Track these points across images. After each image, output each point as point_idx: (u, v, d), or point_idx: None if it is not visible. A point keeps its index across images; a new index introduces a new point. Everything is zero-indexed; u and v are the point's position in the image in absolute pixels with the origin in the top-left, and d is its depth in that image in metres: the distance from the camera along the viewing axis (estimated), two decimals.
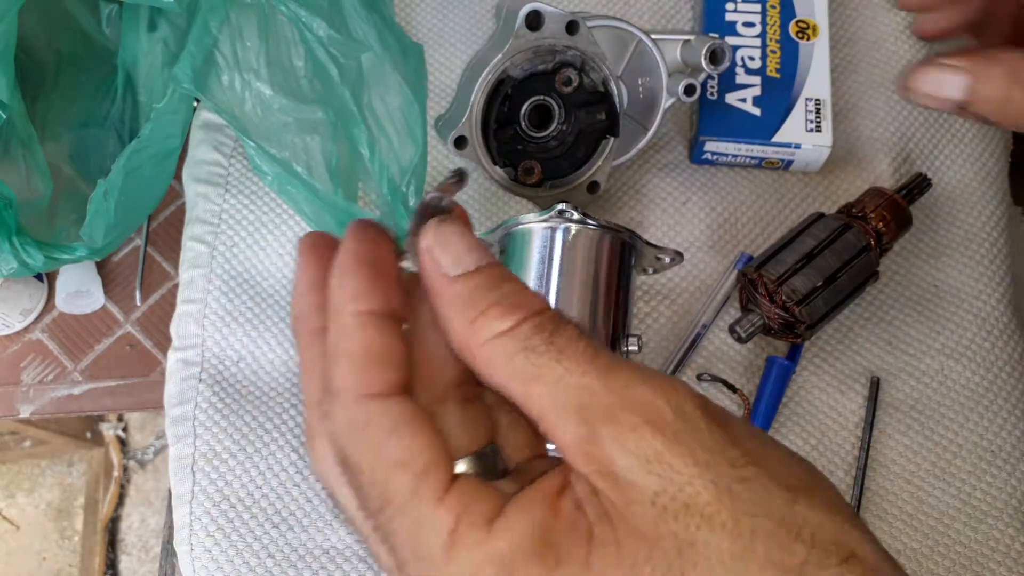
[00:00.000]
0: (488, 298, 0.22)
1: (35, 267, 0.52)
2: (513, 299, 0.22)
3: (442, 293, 0.23)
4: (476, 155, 0.55)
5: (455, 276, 0.23)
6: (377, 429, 0.22)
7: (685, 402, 0.21)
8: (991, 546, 0.49)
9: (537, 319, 0.22)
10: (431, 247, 0.23)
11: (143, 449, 1.40)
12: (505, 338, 0.22)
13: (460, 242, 0.23)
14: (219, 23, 0.53)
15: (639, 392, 0.21)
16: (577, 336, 0.22)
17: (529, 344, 0.21)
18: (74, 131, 0.64)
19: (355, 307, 0.23)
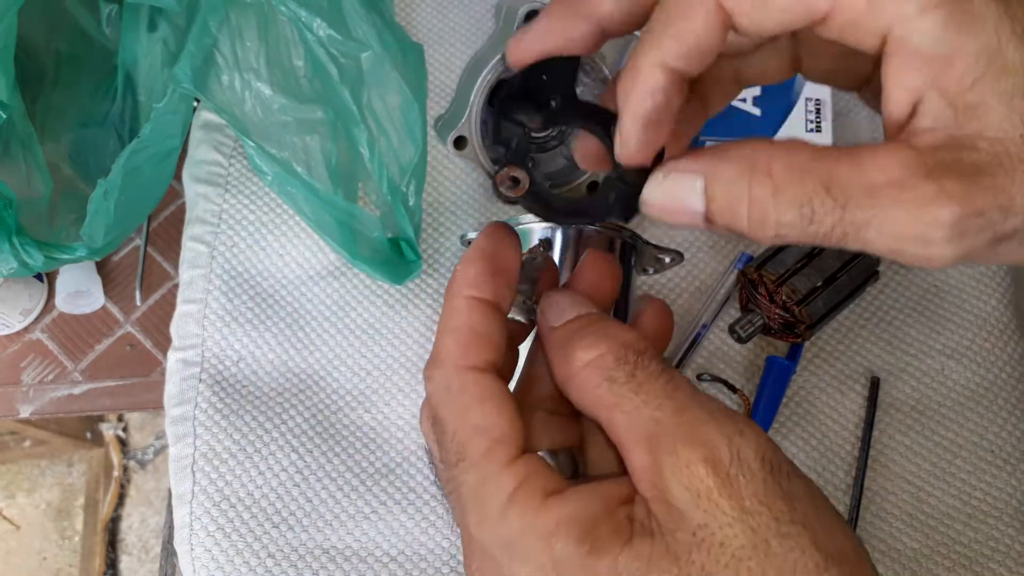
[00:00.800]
0: (581, 334, 0.25)
1: (35, 267, 0.52)
2: (602, 332, 0.25)
3: (546, 343, 0.26)
4: (475, 155, 0.55)
5: (556, 326, 0.26)
6: (468, 396, 0.25)
7: (746, 447, 0.22)
8: (991, 546, 0.49)
9: (621, 351, 0.24)
10: (542, 308, 0.27)
11: (143, 449, 1.40)
12: (591, 368, 0.24)
13: (563, 300, 0.27)
14: (219, 23, 0.53)
15: (704, 431, 0.22)
16: (658, 371, 0.24)
17: (612, 375, 0.24)
18: (74, 131, 0.64)
19: (469, 292, 0.26)
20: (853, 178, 0.21)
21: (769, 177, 0.22)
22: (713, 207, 0.23)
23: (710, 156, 0.23)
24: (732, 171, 0.22)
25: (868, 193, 0.21)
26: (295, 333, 0.55)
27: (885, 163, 0.21)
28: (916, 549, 0.49)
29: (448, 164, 0.60)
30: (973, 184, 0.20)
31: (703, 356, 0.55)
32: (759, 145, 0.22)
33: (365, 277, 0.56)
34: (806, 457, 0.52)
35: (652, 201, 0.25)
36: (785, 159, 0.22)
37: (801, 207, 0.21)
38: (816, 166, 0.21)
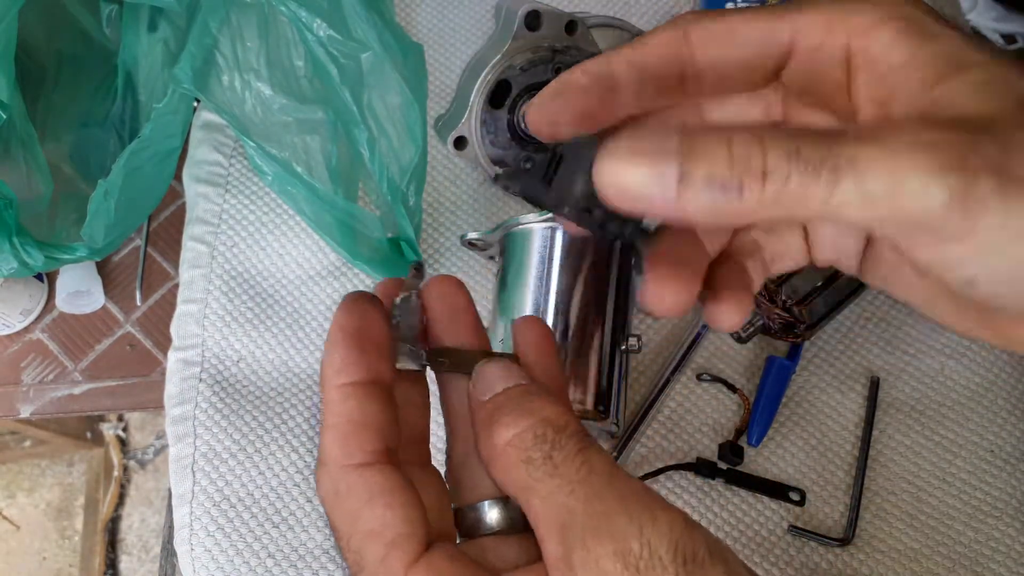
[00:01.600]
0: (504, 410, 0.24)
1: (35, 267, 0.52)
2: (524, 407, 0.24)
3: (475, 418, 0.25)
4: (475, 155, 0.55)
5: (484, 400, 0.25)
6: (355, 498, 0.23)
7: (657, 538, 0.21)
8: (991, 546, 0.49)
9: (540, 428, 0.23)
10: (472, 381, 0.26)
11: (143, 449, 1.40)
12: (510, 448, 0.23)
13: (491, 372, 0.26)
14: (219, 23, 0.53)
15: (616, 522, 0.21)
16: (575, 451, 0.23)
17: (529, 456, 0.23)
18: (74, 131, 0.64)
19: (339, 380, 0.24)
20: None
21: None
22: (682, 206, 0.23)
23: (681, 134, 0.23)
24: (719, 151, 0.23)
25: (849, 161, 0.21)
26: (295, 333, 0.55)
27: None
28: (916, 548, 0.49)
29: (448, 164, 0.60)
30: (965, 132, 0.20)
31: (703, 356, 0.55)
32: None
33: (365, 277, 0.56)
34: (806, 457, 0.52)
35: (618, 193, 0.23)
36: None
37: None
38: None
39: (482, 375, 0.26)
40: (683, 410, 0.53)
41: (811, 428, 0.53)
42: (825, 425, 0.53)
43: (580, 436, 0.23)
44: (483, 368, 0.26)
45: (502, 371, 0.26)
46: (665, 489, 0.51)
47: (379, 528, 0.23)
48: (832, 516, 0.50)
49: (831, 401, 0.54)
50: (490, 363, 0.26)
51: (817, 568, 0.49)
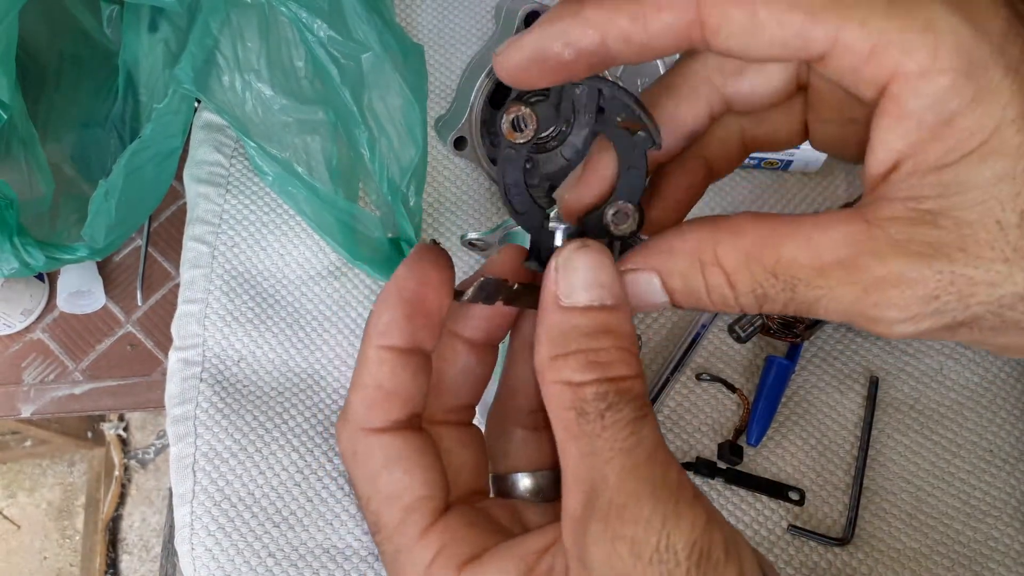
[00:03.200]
0: (577, 343, 0.22)
1: (36, 267, 0.52)
2: (599, 356, 0.22)
3: (545, 316, 0.23)
4: (476, 155, 0.55)
5: (564, 305, 0.23)
6: (374, 461, 0.23)
7: (677, 533, 0.20)
8: (991, 545, 0.49)
9: (604, 387, 0.22)
10: (557, 267, 0.23)
11: (144, 448, 1.40)
12: (568, 389, 0.22)
13: (585, 273, 0.23)
14: (220, 24, 0.54)
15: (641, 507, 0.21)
16: (627, 421, 0.21)
17: (583, 408, 0.22)
18: (75, 131, 0.64)
19: (380, 341, 0.23)
20: (800, 258, 0.20)
21: (719, 267, 0.21)
22: (676, 296, 0.23)
23: (659, 251, 0.23)
24: (683, 266, 0.22)
25: (817, 273, 0.20)
26: (296, 333, 0.55)
27: (834, 239, 0.20)
28: (915, 548, 0.49)
29: (448, 164, 0.60)
30: (928, 267, 0.19)
31: (703, 356, 0.55)
32: (702, 235, 0.22)
33: (365, 277, 0.57)
34: (805, 456, 0.52)
35: None
36: (731, 246, 0.21)
37: (754, 291, 0.21)
38: (761, 251, 0.21)
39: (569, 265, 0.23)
40: (682, 410, 0.53)
41: (810, 428, 0.53)
42: (824, 425, 0.53)
43: (638, 404, 0.22)
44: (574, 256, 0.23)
45: (593, 273, 0.23)
46: None
47: (397, 492, 0.23)
48: (831, 516, 0.50)
49: (830, 401, 0.54)
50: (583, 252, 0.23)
51: (816, 567, 0.49)
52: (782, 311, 0.21)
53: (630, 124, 0.24)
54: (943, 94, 0.19)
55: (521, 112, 0.24)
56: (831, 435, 0.53)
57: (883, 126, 0.20)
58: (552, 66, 0.22)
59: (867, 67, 0.20)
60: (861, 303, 0.20)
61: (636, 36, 0.21)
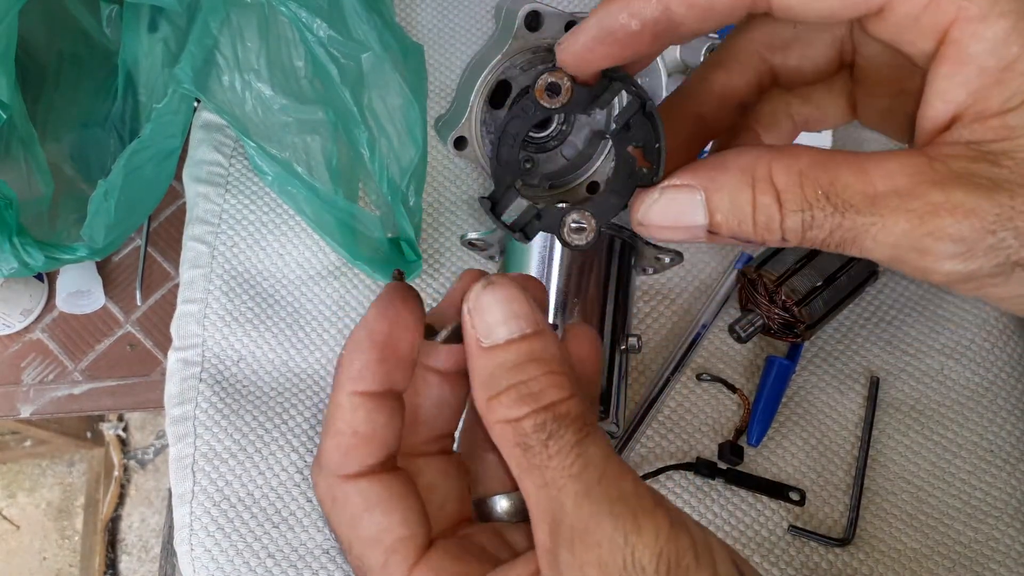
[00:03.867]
0: (506, 379, 0.22)
1: (36, 267, 0.52)
2: (529, 387, 0.22)
3: (471, 361, 0.23)
4: (476, 155, 0.55)
5: (485, 347, 0.23)
6: (353, 506, 0.23)
7: (641, 547, 0.20)
8: (991, 546, 0.49)
9: (540, 417, 0.21)
10: (469, 310, 0.23)
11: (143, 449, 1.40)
12: (509, 427, 0.22)
13: (497, 310, 0.23)
14: (220, 23, 0.53)
15: (602, 528, 0.21)
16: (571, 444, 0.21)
17: (526, 442, 0.21)
18: (75, 131, 0.64)
19: (352, 387, 0.23)
20: (854, 184, 0.20)
21: (771, 184, 0.21)
22: (718, 218, 0.22)
23: (709, 168, 0.22)
24: (734, 181, 0.21)
25: (868, 200, 0.20)
26: (295, 333, 0.55)
27: (892, 170, 0.20)
28: (916, 549, 0.49)
29: (448, 164, 0.60)
30: (988, 199, 0.19)
31: (703, 356, 0.55)
32: (760, 153, 0.21)
33: (365, 277, 0.57)
34: (806, 456, 0.52)
35: (650, 221, 0.23)
36: (786, 165, 0.21)
37: (802, 211, 0.20)
38: (817, 172, 0.20)
39: (480, 306, 0.23)
40: (683, 410, 0.53)
41: (811, 428, 0.53)
42: (825, 425, 0.53)
43: (579, 425, 0.22)
44: (482, 296, 0.23)
45: (504, 307, 0.22)
46: (665, 489, 0.51)
47: (378, 535, 0.23)
48: (832, 516, 0.50)
49: (831, 401, 0.54)
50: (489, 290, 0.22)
51: (817, 568, 0.49)
52: (824, 243, 0.20)
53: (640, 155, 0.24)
54: (1004, 36, 0.19)
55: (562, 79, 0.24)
56: (832, 435, 0.53)
57: (943, 74, 0.20)
58: (619, 39, 0.22)
59: (926, 13, 0.19)
60: (914, 233, 0.19)
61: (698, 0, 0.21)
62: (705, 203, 0.22)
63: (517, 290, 0.23)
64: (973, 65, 0.19)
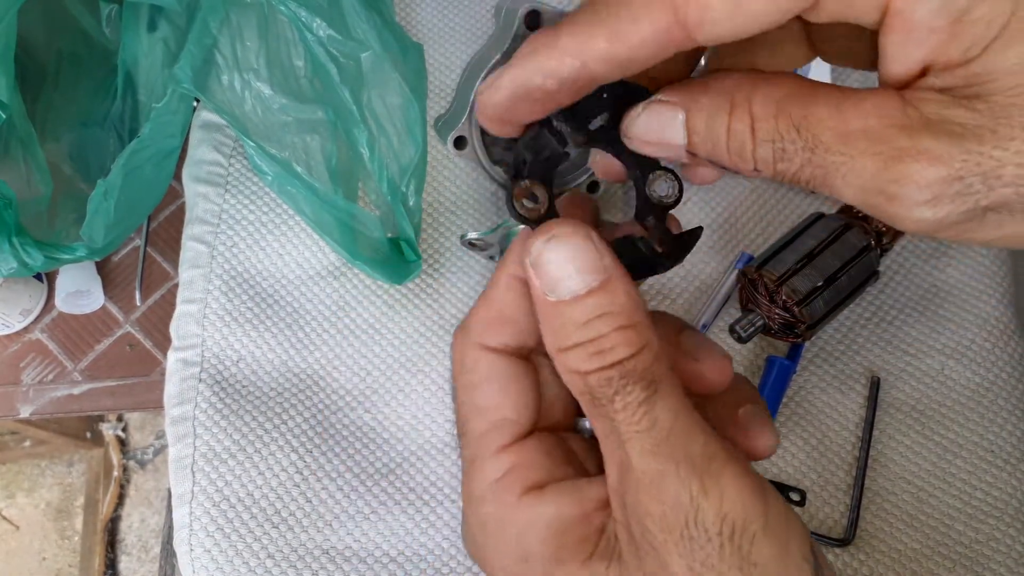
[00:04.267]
0: (574, 336, 0.22)
1: (35, 267, 0.52)
2: (596, 345, 0.21)
3: (540, 313, 0.23)
4: (475, 155, 0.55)
5: (552, 301, 0.22)
6: (477, 374, 0.25)
7: (706, 508, 0.21)
8: (992, 546, 0.49)
9: (607, 373, 0.21)
10: (532, 265, 0.22)
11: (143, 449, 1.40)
12: (578, 377, 0.22)
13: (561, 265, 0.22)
14: (219, 23, 0.53)
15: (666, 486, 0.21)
16: (640, 402, 0.21)
17: (594, 394, 0.22)
18: (74, 131, 0.64)
19: (513, 270, 0.25)
20: (827, 120, 0.20)
21: (748, 111, 0.21)
22: (695, 139, 0.22)
23: (691, 88, 0.22)
24: (712, 104, 0.21)
25: (840, 138, 0.19)
26: (295, 333, 0.55)
27: (866, 110, 0.19)
28: (916, 549, 0.49)
29: (448, 164, 0.60)
30: (956, 146, 0.18)
31: None
32: (743, 78, 0.21)
33: (365, 277, 0.56)
34: (806, 457, 0.52)
35: (633, 134, 0.23)
36: (765, 93, 0.21)
37: (773, 141, 0.20)
38: (793, 104, 0.20)
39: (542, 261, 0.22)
40: None
41: (811, 428, 0.53)
42: (825, 425, 0.53)
43: (646, 383, 0.21)
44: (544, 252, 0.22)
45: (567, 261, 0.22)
46: None
47: (487, 406, 0.25)
48: (832, 516, 0.50)
49: (831, 401, 0.53)
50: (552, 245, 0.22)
51: None
52: (795, 177, 0.20)
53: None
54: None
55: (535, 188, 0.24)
56: (832, 436, 0.53)
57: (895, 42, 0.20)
58: (537, 98, 0.22)
59: None
60: (881, 176, 0.19)
61: (617, 54, 0.20)
62: (684, 123, 0.22)
63: (582, 240, 0.22)
64: (923, 27, 0.19)
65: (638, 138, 0.23)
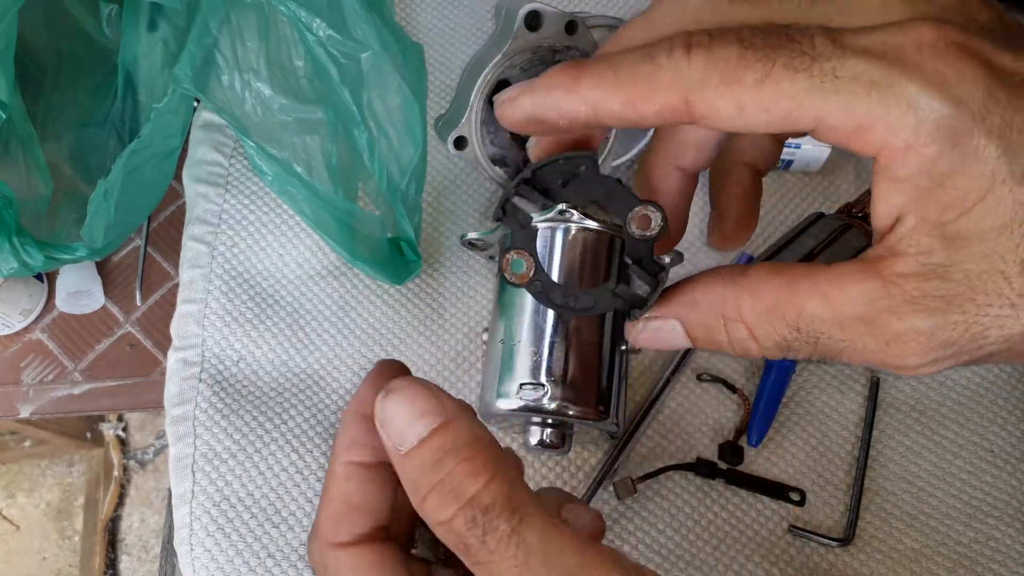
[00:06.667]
0: (427, 481, 0.22)
1: (35, 267, 0.52)
2: (449, 483, 0.22)
3: (397, 468, 0.23)
4: (475, 155, 0.55)
5: (403, 454, 0.23)
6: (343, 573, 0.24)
7: None
8: (991, 546, 0.49)
9: (469, 511, 0.22)
10: (380, 423, 0.23)
11: (143, 449, 1.40)
12: (444, 528, 0.22)
13: (401, 416, 0.23)
14: (219, 23, 0.53)
15: None
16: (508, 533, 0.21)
17: (464, 541, 0.22)
18: (74, 131, 0.64)
19: (346, 457, 0.25)
20: (821, 314, 0.22)
21: (741, 322, 0.23)
22: (697, 344, 0.24)
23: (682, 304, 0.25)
24: (706, 319, 0.24)
25: (838, 326, 0.21)
26: (295, 333, 0.55)
27: (852, 297, 0.21)
28: (916, 549, 0.49)
29: (448, 164, 0.60)
30: (943, 319, 0.21)
31: (703, 356, 0.55)
32: (725, 290, 0.23)
33: (365, 277, 0.56)
34: (806, 457, 0.52)
35: (640, 344, 0.26)
36: (752, 305, 0.23)
37: (777, 343, 0.23)
38: (784, 307, 0.22)
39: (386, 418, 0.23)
40: (683, 410, 0.53)
41: (811, 428, 0.53)
42: (825, 425, 0.53)
43: (510, 512, 0.22)
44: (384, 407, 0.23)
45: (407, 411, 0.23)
46: (665, 489, 0.51)
47: None
48: (832, 516, 0.50)
49: (831, 401, 0.53)
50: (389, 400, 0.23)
51: (817, 568, 0.49)
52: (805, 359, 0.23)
53: None
54: (931, 163, 0.20)
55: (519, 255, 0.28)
56: (832, 436, 0.53)
57: (882, 185, 0.21)
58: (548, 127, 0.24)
59: (855, 142, 0.21)
60: (883, 353, 0.21)
61: (628, 116, 0.22)
62: (684, 331, 0.25)
63: (417, 388, 0.23)
64: (907, 183, 0.21)
65: (645, 344, 0.26)
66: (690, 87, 0.21)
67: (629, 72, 0.22)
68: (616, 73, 0.22)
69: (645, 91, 0.22)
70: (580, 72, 0.23)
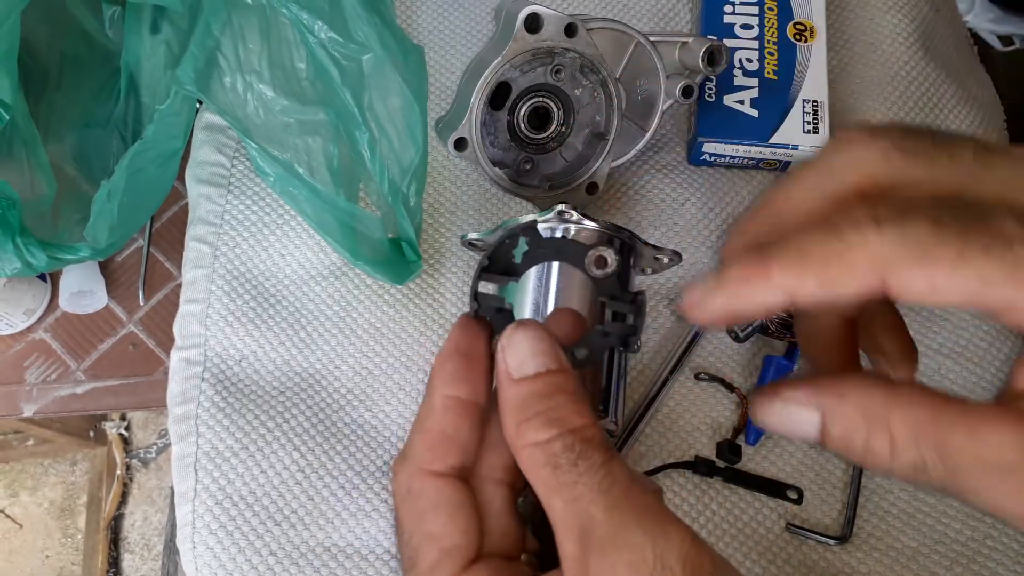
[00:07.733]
0: (535, 407, 0.25)
1: (39, 267, 0.52)
2: (556, 413, 0.25)
3: (503, 392, 0.26)
4: (475, 156, 0.55)
5: (516, 379, 0.25)
6: (425, 501, 0.26)
7: (669, 551, 0.23)
8: (988, 544, 0.50)
9: (570, 438, 0.24)
10: (503, 347, 0.26)
11: (146, 448, 1.40)
12: (539, 449, 0.24)
13: (527, 346, 0.26)
14: (221, 25, 0.54)
15: (631, 534, 0.23)
16: (599, 464, 0.24)
17: (556, 461, 0.24)
18: (77, 132, 0.64)
19: (445, 390, 0.27)
20: (968, 448, 0.21)
21: (887, 432, 0.22)
22: (829, 443, 0.23)
23: (828, 393, 0.23)
24: (851, 417, 0.22)
25: (979, 465, 0.21)
26: (297, 332, 0.55)
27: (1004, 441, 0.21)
28: (914, 547, 0.50)
29: (448, 165, 0.60)
30: None
31: (701, 355, 0.55)
32: (877, 394, 0.22)
33: (366, 277, 0.57)
34: (804, 456, 0.52)
35: (767, 425, 0.25)
36: (902, 417, 0.22)
37: (914, 462, 0.22)
38: (934, 429, 0.21)
39: (513, 343, 0.26)
40: (681, 409, 0.54)
41: None
42: None
43: (605, 448, 0.24)
44: (515, 335, 0.26)
45: (536, 346, 0.26)
46: (664, 487, 0.51)
47: (439, 534, 0.26)
48: (830, 514, 0.51)
49: None
50: (521, 330, 0.26)
51: (815, 566, 0.49)
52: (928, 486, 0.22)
53: None
54: None
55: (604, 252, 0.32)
56: None
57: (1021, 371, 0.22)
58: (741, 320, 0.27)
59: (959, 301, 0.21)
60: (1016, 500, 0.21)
61: (823, 297, 0.22)
62: (820, 424, 0.23)
63: (545, 331, 0.26)
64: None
65: (771, 428, 0.25)
66: (885, 265, 0.21)
67: (819, 253, 0.22)
68: (804, 258, 0.22)
69: (839, 271, 0.21)
70: (767, 260, 0.22)
